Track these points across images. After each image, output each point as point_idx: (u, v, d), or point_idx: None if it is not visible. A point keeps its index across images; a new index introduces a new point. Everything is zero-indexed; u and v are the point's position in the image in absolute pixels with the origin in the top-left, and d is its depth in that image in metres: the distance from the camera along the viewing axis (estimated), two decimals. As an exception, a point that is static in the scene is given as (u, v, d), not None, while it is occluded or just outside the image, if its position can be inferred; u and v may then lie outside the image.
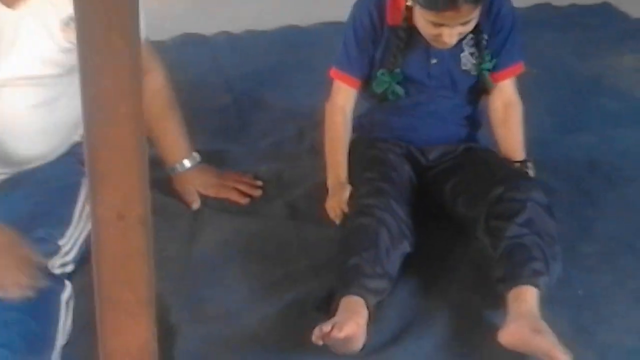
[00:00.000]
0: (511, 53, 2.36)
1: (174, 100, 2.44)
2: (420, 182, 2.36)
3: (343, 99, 2.39)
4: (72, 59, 2.06)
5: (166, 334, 1.97)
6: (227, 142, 2.77)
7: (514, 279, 2.02)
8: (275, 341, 1.99)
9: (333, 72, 2.40)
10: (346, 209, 2.23)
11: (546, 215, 2.13)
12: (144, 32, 1.33)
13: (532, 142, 2.67)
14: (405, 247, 2.15)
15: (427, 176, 2.38)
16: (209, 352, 1.97)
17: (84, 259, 2.03)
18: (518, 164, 2.33)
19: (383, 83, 2.33)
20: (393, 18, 2.30)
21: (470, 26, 2.21)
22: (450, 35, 2.19)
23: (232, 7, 3.77)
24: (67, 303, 1.94)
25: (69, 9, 2.01)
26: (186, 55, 3.30)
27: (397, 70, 2.31)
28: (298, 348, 1.96)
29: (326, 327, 1.90)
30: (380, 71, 2.33)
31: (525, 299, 1.99)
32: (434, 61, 2.32)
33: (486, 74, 2.34)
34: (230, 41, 3.47)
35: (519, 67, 2.40)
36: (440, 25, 2.17)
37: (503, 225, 2.10)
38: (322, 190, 2.39)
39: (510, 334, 1.92)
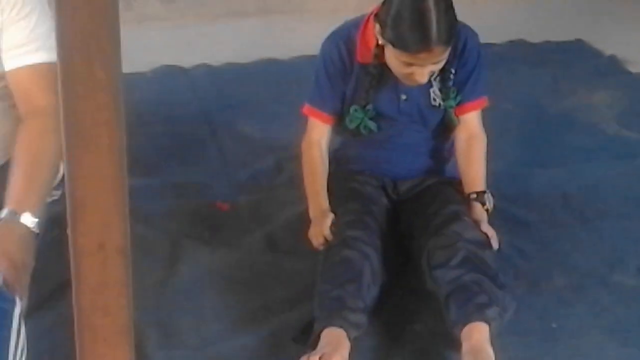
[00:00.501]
0: (476, 87, 2.39)
1: (47, 151, 2.02)
2: (393, 215, 2.40)
3: (318, 134, 2.42)
4: None
5: (144, 362, 1.99)
6: (206, 173, 2.80)
7: (462, 318, 2.06)
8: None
9: (306, 109, 2.43)
10: (329, 237, 2.26)
11: (481, 250, 2.19)
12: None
13: (505, 175, 2.73)
14: (383, 282, 2.19)
15: (396, 210, 2.42)
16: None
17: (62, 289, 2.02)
18: (474, 196, 2.35)
19: (356, 119, 2.36)
20: (363, 56, 2.32)
21: (441, 64, 2.25)
22: (422, 75, 2.22)
23: (212, 40, 3.81)
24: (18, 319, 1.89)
25: None
26: (166, 87, 3.34)
27: (369, 106, 2.34)
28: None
29: (314, 357, 1.92)
30: (353, 107, 2.36)
31: (473, 335, 2.03)
32: (403, 97, 2.35)
33: (451, 111, 2.37)
34: (209, 73, 3.51)
35: (483, 102, 2.43)
36: (412, 64, 2.20)
37: (441, 273, 2.15)
38: (300, 222, 2.42)
39: None
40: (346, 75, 2.35)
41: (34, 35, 2.05)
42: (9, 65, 2.07)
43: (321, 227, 2.29)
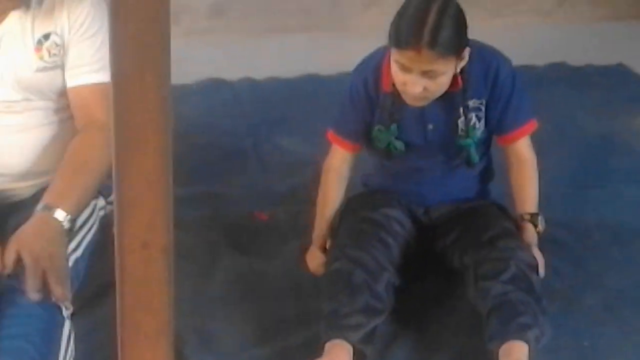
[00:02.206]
0: (519, 114, 2.36)
1: (94, 159, 2.11)
2: (421, 235, 2.41)
3: (339, 161, 2.43)
4: (44, 80, 2.13)
5: (179, 364, 2.04)
6: (246, 184, 2.85)
7: (502, 335, 2.07)
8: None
9: (330, 134, 2.45)
10: (320, 269, 2.33)
11: (530, 272, 2.19)
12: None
13: (543, 196, 2.74)
14: (389, 278, 2.21)
15: (428, 231, 2.43)
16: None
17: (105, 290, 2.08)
18: (528, 217, 2.36)
19: (382, 139, 2.35)
20: (388, 84, 2.28)
21: (438, 84, 2.18)
22: (413, 84, 2.16)
23: (256, 54, 3.87)
24: (68, 337, 1.98)
25: (42, 29, 2.12)
26: (210, 100, 3.40)
27: (393, 125, 2.31)
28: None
29: None
30: (377, 127, 2.35)
31: (513, 353, 2.04)
32: (430, 127, 2.33)
33: (470, 149, 2.33)
34: (252, 87, 3.57)
35: (531, 126, 2.40)
36: (406, 71, 2.15)
37: (488, 285, 2.15)
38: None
39: None
40: (372, 105, 2.34)
41: (99, 55, 2.14)
42: (71, 83, 2.17)
43: (313, 265, 2.38)
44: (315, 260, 2.38)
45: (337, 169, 2.43)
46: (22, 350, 1.87)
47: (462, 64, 2.21)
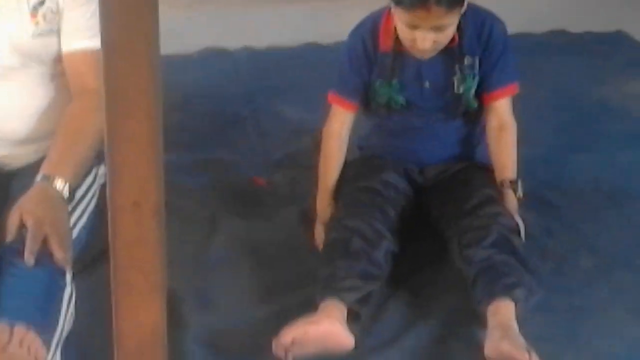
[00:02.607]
0: (503, 74, 2.41)
1: (88, 126, 2.13)
2: (417, 198, 2.46)
3: (339, 123, 2.47)
4: (40, 45, 2.16)
5: (178, 323, 2.10)
6: (245, 151, 2.90)
7: (488, 296, 2.12)
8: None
9: (330, 96, 2.49)
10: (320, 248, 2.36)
11: (513, 236, 2.24)
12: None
13: (539, 160, 2.80)
14: (388, 246, 2.25)
15: (423, 194, 2.48)
16: (216, 340, 2.10)
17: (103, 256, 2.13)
18: (508, 184, 2.38)
19: (383, 94, 2.41)
20: (385, 44, 2.37)
21: (446, 35, 2.27)
22: (423, 40, 2.24)
23: (256, 24, 3.90)
24: (68, 300, 2.02)
25: None
26: (209, 68, 3.44)
27: (395, 80, 2.38)
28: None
29: (299, 327, 2.03)
30: (378, 82, 2.41)
31: (500, 311, 2.08)
32: (427, 85, 2.39)
33: (468, 94, 2.39)
34: (252, 56, 3.60)
35: (513, 88, 2.44)
36: (415, 28, 2.23)
37: (472, 252, 2.20)
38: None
39: (488, 349, 2.02)
40: (370, 64, 2.40)
41: (93, 21, 2.15)
42: (66, 48, 2.20)
43: (316, 236, 2.41)
44: (321, 235, 2.40)
45: (338, 133, 2.47)
46: (23, 309, 1.91)
47: (462, 10, 2.28)
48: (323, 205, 2.45)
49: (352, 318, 2.12)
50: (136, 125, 1.33)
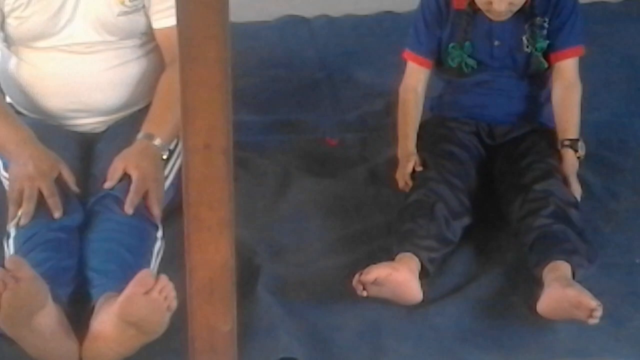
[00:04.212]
0: (571, 36, 2.50)
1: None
2: (488, 158, 2.54)
3: (415, 79, 2.59)
4: (126, 23, 2.30)
5: (251, 273, 2.21)
6: (318, 113, 3.00)
7: (546, 257, 2.18)
8: (346, 286, 2.19)
9: (406, 53, 2.61)
10: (409, 182, 2.43)
11: (569, 208, 2.29)
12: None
13: (606, 123, 2.86)
14: (467, 221, 2.35)
15: (490, 154, 2.55)
16: (285, 288, 2.22)
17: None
18: (569, 143, 2.45)
19: (456, 57, 2.51)
20: (458, 3, 2.49)
21: None
22: (499, 2, 2.37)
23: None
24: (158, 253, 2.16)
25: None
26: (287, 35, 3.54)
27: (467, 43, 2.49)
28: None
29: (379, 269, 2.12)
30: (451, 45, 2.52)
31: (559, 268, 2.14)
32: (496, 43, 2.49)
33: (538, 54, 2.48)
34: (329, 24, 3.68)
35: (579, 50, 2.52)
36: None
37: (530, 221, 2.26)
38: (401, 160, 2.61)
39: (545, 300, 2.08)
40: (442, 21, 2.52)
41: None
42: (157, 24, 2.35)
43: (404, 170, 2.46)
44: (403, 178, 2.47)
45: (414, 88, 2.59)
46: (120, 255, 2.05)
47: None
48: (404, 152, 2.51)
49: (422, 274, 2.20)
50: (206, 70, 1.44)
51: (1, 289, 1.80)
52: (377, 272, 2.11)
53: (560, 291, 2.06)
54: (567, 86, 2.50)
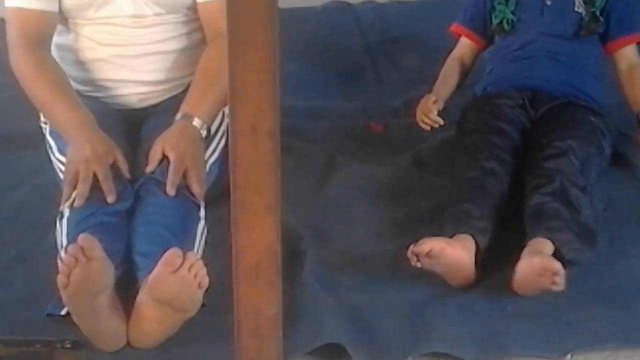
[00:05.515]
0: (633, 21, 2.61)
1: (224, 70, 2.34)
2: (532, 130, 2.53)
3: (460, 50, 2.74)
4: None
5: (296, 258, 2.22)
6: (363, 98, 3.00)
7: (527, 235, 2.17)
8: (390, 271, 2.20)
9: (454, 26, 2.77)
10: (431, 117, 2.53)
11: (574, 188, 2.25)
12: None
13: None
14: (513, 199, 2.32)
15: (534, 128, 2.53)
16: (329, 273, 2.22)
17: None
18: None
19: (500, 13, 2.63)
20: None
21: None
22: None
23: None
24: (202, 232, 2.17)
25: None
26: (333, 21, 3.55)
27: (512, 0, 2.60)
28: (410, 279, 2.18)
29: (437, 240, 2.11)
30: (497, 1, 2.64)
31: (536, 245, 2.13)
32: (548, 2, 2.60)
33: (588, 16, 2.57)
34: (375, 10, 3.68)
35: (638, 37, 2.66)
36: None
37: (529, 197, 2.26)
38: (448, 146, 2.62)
39: (516, 275, 2.08)
40: None
41: None
42: None
43: (424, 108, 2.56)
44: (421, 110, 2.58)
45: (459, 56, 2.74)
46: (162, 237, 2.07)
47: None
48: (434, 92, 2.63)
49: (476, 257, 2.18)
50: (254, 53, 1.44)
51: (72, 264, 1.82)
52: (432, 244, 2.09)
53: (527, 262, 2.06)
54: (631, 67, 2.64)
